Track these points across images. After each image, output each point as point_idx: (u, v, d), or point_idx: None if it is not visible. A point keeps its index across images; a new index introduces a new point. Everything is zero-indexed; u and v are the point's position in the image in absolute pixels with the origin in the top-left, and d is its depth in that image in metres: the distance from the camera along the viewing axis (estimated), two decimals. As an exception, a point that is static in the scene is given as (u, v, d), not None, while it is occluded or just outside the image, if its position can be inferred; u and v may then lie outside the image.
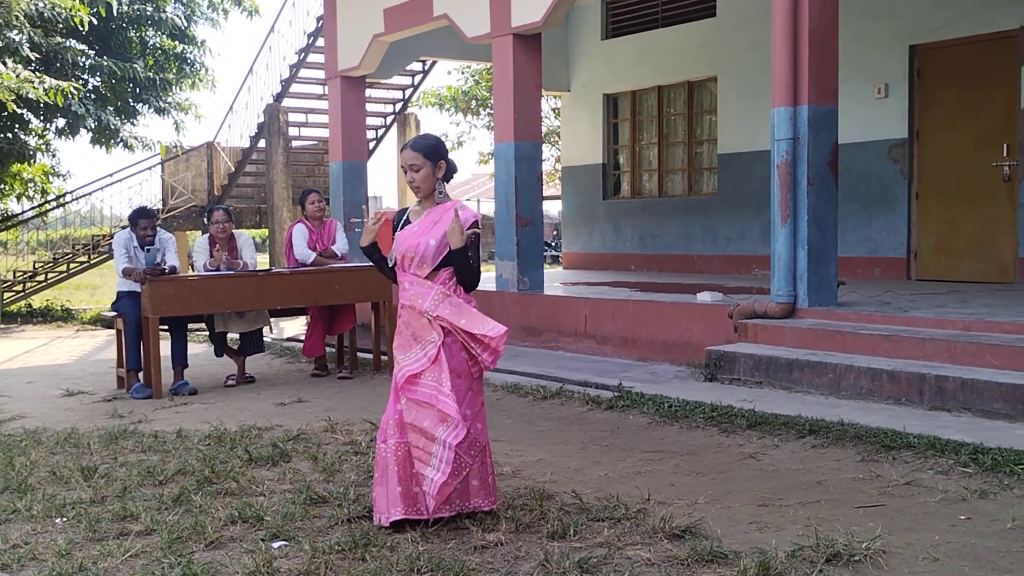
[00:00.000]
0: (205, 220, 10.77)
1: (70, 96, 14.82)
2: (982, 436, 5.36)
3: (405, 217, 4.72)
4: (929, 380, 6.19)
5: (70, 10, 14.83)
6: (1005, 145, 10.03)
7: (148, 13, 17.97)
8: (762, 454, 5.49)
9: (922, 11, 10.64)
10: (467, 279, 4.54)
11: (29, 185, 19.03)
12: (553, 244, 26.09)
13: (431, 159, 4.57)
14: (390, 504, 4.37)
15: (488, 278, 8.43)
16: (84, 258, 17.85)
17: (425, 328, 4.50)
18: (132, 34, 18.29)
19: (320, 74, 16.04)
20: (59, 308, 16.77)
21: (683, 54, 13.44)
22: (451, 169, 4.68)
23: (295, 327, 12.72)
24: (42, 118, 17.28)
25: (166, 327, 8.54)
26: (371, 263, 4.89)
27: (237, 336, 9.01)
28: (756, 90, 11.78)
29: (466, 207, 4.65)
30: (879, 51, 10.99)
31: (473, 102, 24.66)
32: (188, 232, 18.84)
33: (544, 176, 12.48)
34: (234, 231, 9.02)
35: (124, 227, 9.14)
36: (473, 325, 4.43)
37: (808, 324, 7.47)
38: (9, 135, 17.03)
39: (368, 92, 14.90)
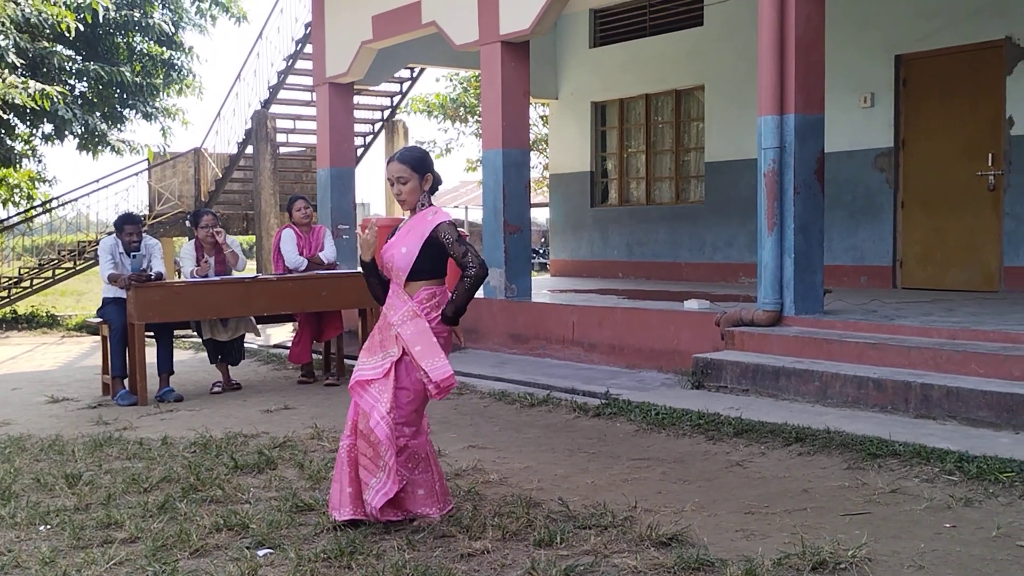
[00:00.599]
0: (188, 224, 10.74)
1: (56, 100, 14.77)
2: (967, 444, 5.38)
3: (396, 228, 4.73)
4: (915, 388, 6.21)
5: (56, 16, 14.79)
6: (990, 155, 10.09)
7: (135, 19, 17.94)
8: (749, 462, 5.49)
9: (908, 21, 10.70)
10: (470, 274, 4.50)
11: (15, 190, 18.95)
12: (541, 251, 26.09)
13: (418, 172, 4.58)
14: (342, 503, 4.48)
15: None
16: (70, 264, 17.77)
17: (391, 340, 4.53)
18: (119, 39, 18.25)
19: (308, 80, 16.03)
20: (44, 314, 16.71)
21: (671, 63, 13.48)
22: (437, 181, 4.69)
23: (282, 334, 12.69)
24: (28, 123, 17.22)
25: (152, 334, 8.51)
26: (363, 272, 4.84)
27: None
28: (743, 99, 11.82)
29: (439, 211, 4.65)
30: (865, 60, 11.04)
31: (461, 109, 24.68)
32: (175, 238, 18.79)
33: (532, 183, 12.49)
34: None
35: (110, 233, 9.11)
36: (423, 357, 4.43)
37: (794, 332, 7.49)
38: (-5, 140, 16.96)
39: (356, 99, 14.91)
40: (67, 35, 15.63)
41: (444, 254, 4.58)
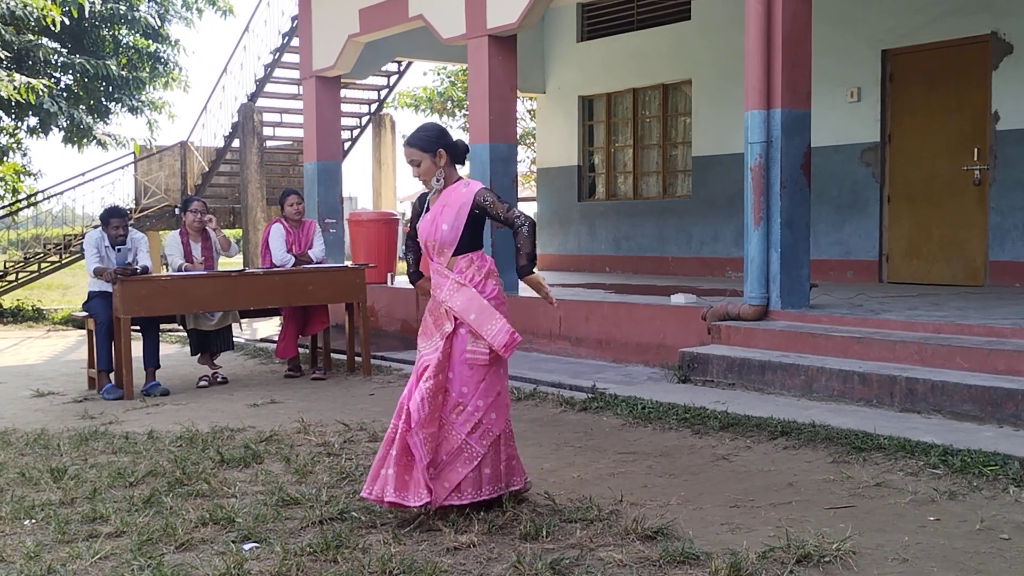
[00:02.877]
0: (179, 211, 10.72)
1: (42, 94, 14.69)
2: (952, 438, 5.41)
3: (425, 204, 4.74)
4: (900, 382, 6.24)
5: (42, 9, 14.70)
6: (976, 149, 10.13)
7: (121, 12, 17.83)
8: (734, 455, 5.51)
9: (894, 16, 10.72)
10: (522, 239, 4.56)
11: (0, 184, 18.84)
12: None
13: (428, 150, 4.61)
14: (422, 486, 4.39)
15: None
16: (55, 258, 17.69)
17: (442, 317, 4.57)
18: (105, 33, 18.15)
19: (295, 74, 15.98)
20: (30, 308, 16.62)
21: (658, 57, 13.49)
22: (458, 151, 4.69)
23: (269, 328, 12.66)
24: (13, 116, 17.11)
25: (138, 327, 8.48)
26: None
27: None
28: (730, 93, 11.83)
29: (471, 182, 4.69)
30: (851, 55, 11.07)
31: (448, 103, 24.64)
32: (161, 232, 18.71)
33: (519, 178, 12.47)
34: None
35: (96, 227, 9.07)
36: (481, 324, 4.46)
37: (781, 326, 7.51)
38: (-21, 133, 16.88)
39: (343, 92, 14.89)
40: (52, 28, 15.52)
41: (482, 224, 4.63)
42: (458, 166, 4.77)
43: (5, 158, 18.02)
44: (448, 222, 4.55)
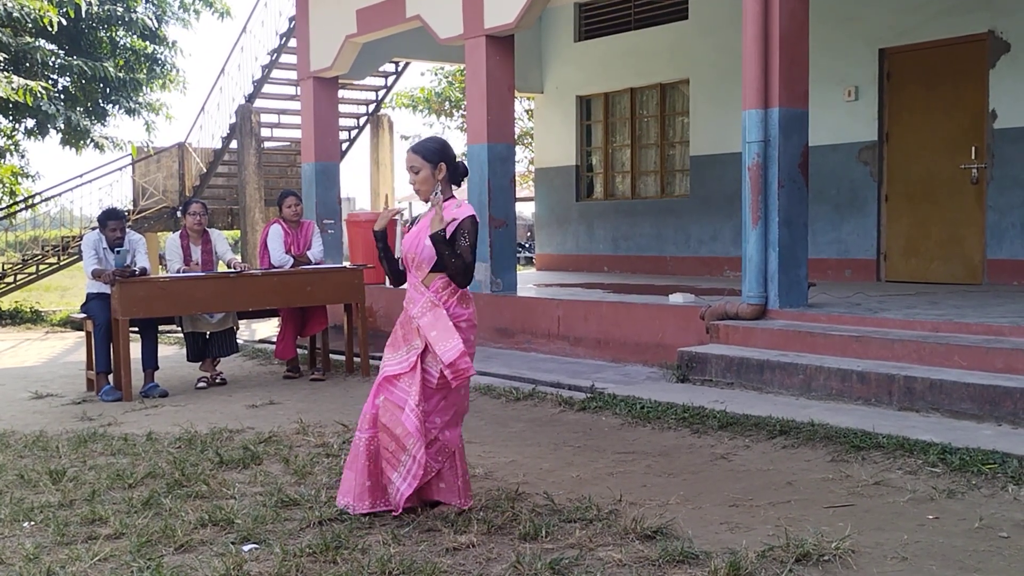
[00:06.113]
0: (180, 214, 10.73)
1: (39, 95, 14.67)
2: (950, 436, 5.41)
3: (416, 218, 4.77)
4: (898, 381, 6.24)
5: (39, 11, 14.68)
6: (973, 148, 10.13)
7: (118, 13, 17.81)
8: (733, 455, 5.51)
9: (891, 15, 10.73)
10: (451, 272, 4.52)
11: (-3, 186, 18.82)
12: (526, 246, 26.10)
13: (430, 161, 4.62)
14: (357, 496, 4.52)
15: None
16: (53, 260, 17.67)
17: (412, 333, 4.59)
18: (102, 34, 18.13)
19: (292, 75, 15.98)
20: (28, 310, 16.60)
21: (655, 56, 13.49)
22: (457, 172, 4.71)
23: (268, 329, 12.66)
24: (11, 118, 17.10)
25: (136, 329, 8.48)
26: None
27: (207, 335, 8.93)
28: (728, 93, 11.83)
29: (464, 203, 4.68)
30: (849, 54, 11.07)
31: (446, 104, 24.64)
32: (159, 233, 18.71)
33: (517, 178, 12.50)
34: (206, 228, 8.98)
35: (93, 228, 9.07)
36: (438, 342, 4.47)
37: (779, 325, 7.51)
38: (-24, 135, 16.86)
39: (341, 93, 14.88)
40: (50, 30, 15.50)
41: None
42: (454, 187, 4.74)
43: (3, 160, 17.99)
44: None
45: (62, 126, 16.97)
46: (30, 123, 17.36)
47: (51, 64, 16.97)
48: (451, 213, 4.58)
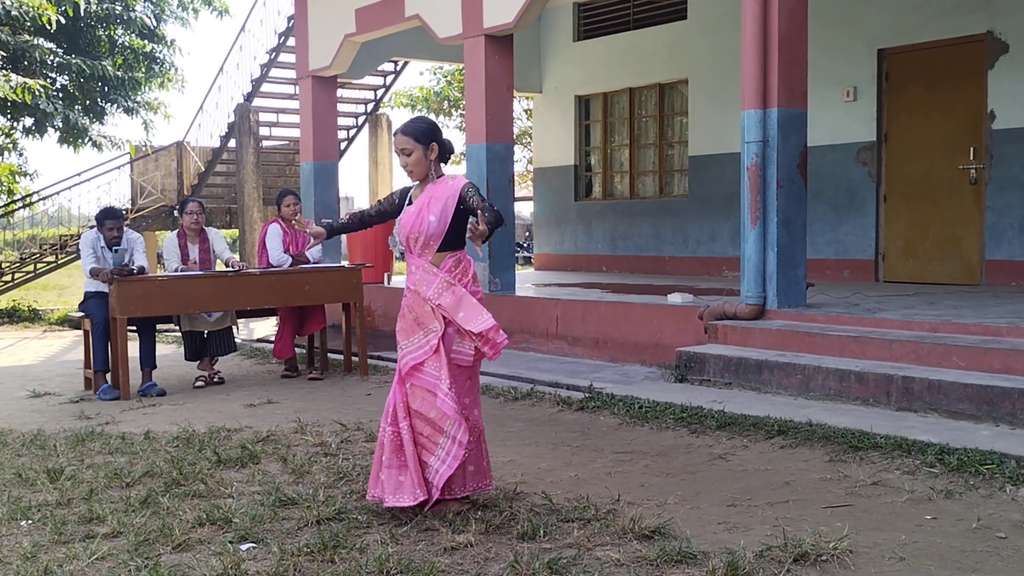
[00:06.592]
0: (177, 213, 10.73)
1: (37, 94, 14.67)
2: (948, 436, 5.42)
3: (407, 198, 4.74)
4: (896, 381, 6.24)
5: (38, 9, 14.68)
6: (972, 148, 10.14)
7: (117, 12, 17.82)
8: (731, 455, 5.51)
9: (890, 15, 10.73)
10: (491, 224, 4.42)
11: (-5, 184, 18.82)
12: (525, 245, 26.08)
13: (422, 142, 4.60)
14: (416, 486, 4.44)
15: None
16: (51, 258, 17.66)
17: (428, 315, 4.55)
18: (101, 33, 18.14)
19: (291, 74, 15.97)
20: (26, 308, 16.59)
21: (654, 56, 13.49)
22: (446, 150, 4.70)
23: (265, 328, 12.65)
24: (9, 116, 17.09)
25: (134, 328, 8.47)
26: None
27: (205, 334, 8.92)
28: (726, 93, 11.84)
29: (457, 176, 4.71)
30: (848, 55, 11.07)
31: (445, 103, 24.66)
32: (157, 232, 18.70)
33: (516, 177, 12.50)
34: (204, 226, 8.98)
35: (91, 227, 9.06)
36: (468, 321, 4.47)
37: (777, 325, 7.52)
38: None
39: (339, 92, 14.88)
40: (48, 28, 15.51)
41: (465, 220, 4.59)
42: (443, 164, 4.77)
43: (1, 158, 17.99)
44: (436, 213, 4.54)
45: (60, 125, 16.96)
46: (28, 121, 17.35)
47: (49, 62, 16.98)
48: (447, 188, 4.59)
